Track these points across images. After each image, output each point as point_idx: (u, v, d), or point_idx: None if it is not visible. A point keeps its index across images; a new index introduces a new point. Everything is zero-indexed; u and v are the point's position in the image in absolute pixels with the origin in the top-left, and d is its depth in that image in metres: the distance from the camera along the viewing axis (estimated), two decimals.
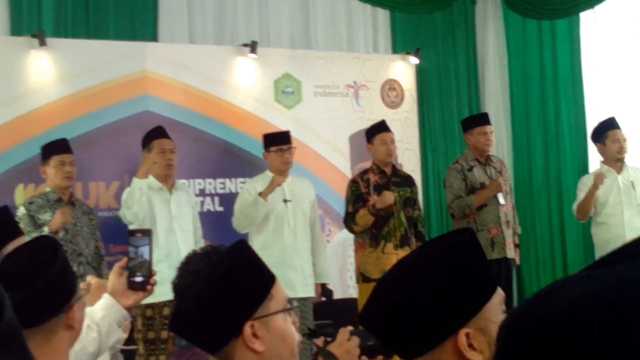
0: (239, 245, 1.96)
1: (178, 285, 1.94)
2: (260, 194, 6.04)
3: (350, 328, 2.37)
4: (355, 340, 2.33)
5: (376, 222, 6.25)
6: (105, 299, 2.60)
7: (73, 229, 5.68)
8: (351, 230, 6.44)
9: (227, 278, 1.87)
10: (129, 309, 2.65)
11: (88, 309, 2.42)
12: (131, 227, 5.86)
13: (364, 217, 6.25)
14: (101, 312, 2.56)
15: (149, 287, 2.65)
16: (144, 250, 2.64)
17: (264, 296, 1.92)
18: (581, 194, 6.71)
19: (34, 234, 5.18)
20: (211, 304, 1.85)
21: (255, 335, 1.87)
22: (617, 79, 8.20)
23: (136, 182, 5.81)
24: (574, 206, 6.79)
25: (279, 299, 1.95)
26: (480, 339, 1.60)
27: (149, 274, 2.64)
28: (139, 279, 2.63)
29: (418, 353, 1.62)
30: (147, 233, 2.68)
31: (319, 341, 2.34)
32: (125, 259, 2.65)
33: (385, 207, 6.23)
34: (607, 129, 6.79)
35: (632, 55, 8.09)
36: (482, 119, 6.88)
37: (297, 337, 2.00)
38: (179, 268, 2.22)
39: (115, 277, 2.64)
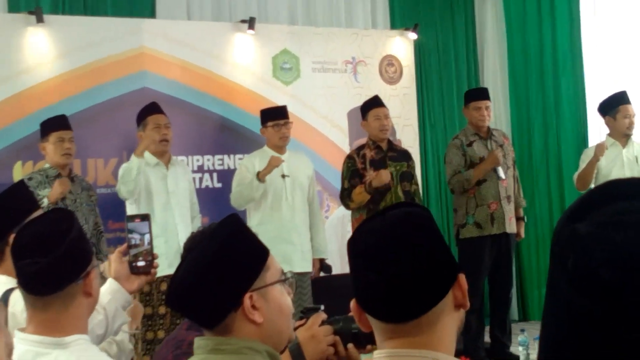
0: (231, 219, 1.97)
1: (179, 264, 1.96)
2: (258, 174, 6.05)
3: (324, 316, 2.31)
4: (328, 328, 2.27)
5: (373, 197, 6.27)
6: (111, 284, 2.67)
7: (72, 205, 5.69)
8: (347, 206, 6.46)
9: (223, 251, 1.88)
10: (132, 293, 2.70)
11: None
12: (129, 211, 5.89)
13: (360, 195, 6.27)
14: (108, 296, 2.63)
15: (152, 270, 2.70)
16: (144, 235, 2.69)
17: (261, 267, 1.93)
18: (583, 165, 6.72)
19: None
20: (209, 277, 1.86)
21: (254, 307, 1.88)
22: (616, 55, 8.17)
23: (134, 160, 5.82)
24: (575, 175, 6.81)
25: (274, 271, 1.96)
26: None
27: (151, 258, 2.70)
28: (141, 263, 2.69)
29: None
30: (146, 218, 2.73)
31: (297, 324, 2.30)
32: (125, 245, 2.70)
33: (382, 186, 6.25)
34: (619, 103, 6.78)
35: (631, 31, 8.06)
36: (477, 94, 6.89)
37: (292, 308, 2.01)
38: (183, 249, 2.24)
39: (117, 263, 2.70)
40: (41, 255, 2.14)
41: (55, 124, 5.78)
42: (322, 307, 2.35)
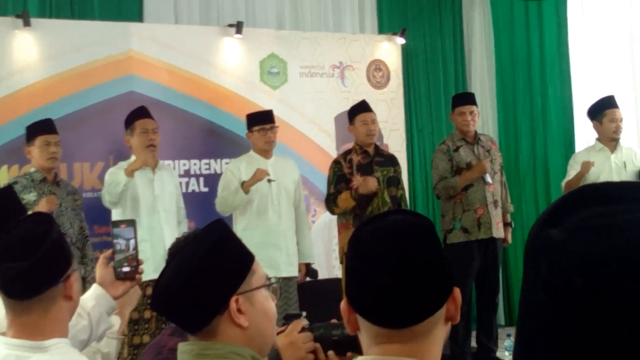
0: (216, 224, 1.98)
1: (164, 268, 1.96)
2: (242, 185, 6.05)
3: (305, 322, 2.31)
4: (307, 335, 2.27)
5: (360, 202, 6.26)
6: (95, 289, 2.67)
7: (58, 209, 5.68)
8: (332, 211, 6.46)
9: (209, 255, 1.88)
10: (117, 298, 2.69)
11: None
12: (115, 216, 5.87)
13: (346, 201, 6.26)
14: (92, 302, 2.62)
15: (137, 276, 2.70)
16: (130, 241, 2.68)
17: (247, 271, 1.93)
18: (572, 171, 6.74)
19: None
20: (195, 280, 1.86)
21: (239, 311, 1.88)
22: (604, 60, 8.20)
23: (123, 178, 5.77)
24: (563, 183, 6.83)
25: (259, 276, 1.97)
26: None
27: (136, 264, 2.69)
28: (126, 269, 2.69)
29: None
30: (131, 224, 2.74)
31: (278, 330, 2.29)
32: (110, 250, 2.70)
33: (368, 193, 6.24)
34: (605, 107, 6.80)
35: (619, 35, 8.09)
36: (462, 99, 6.91)
37: (276, 313, 2.02)
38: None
39: (102, 268, 2.70)
40: (21, 259, 2.14)
41: (41, 128, 5.77)
42: (304, 314, 2.35)
